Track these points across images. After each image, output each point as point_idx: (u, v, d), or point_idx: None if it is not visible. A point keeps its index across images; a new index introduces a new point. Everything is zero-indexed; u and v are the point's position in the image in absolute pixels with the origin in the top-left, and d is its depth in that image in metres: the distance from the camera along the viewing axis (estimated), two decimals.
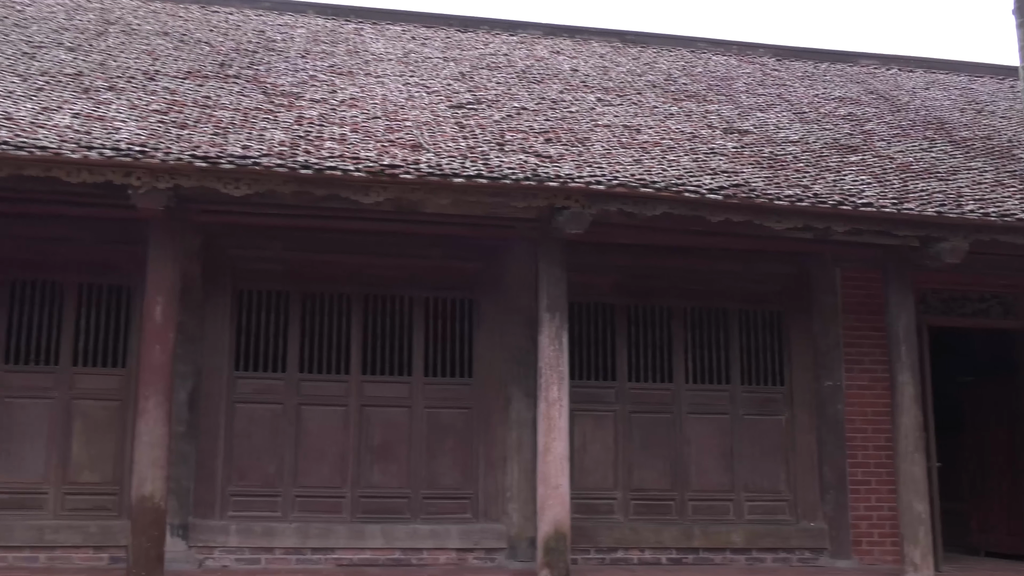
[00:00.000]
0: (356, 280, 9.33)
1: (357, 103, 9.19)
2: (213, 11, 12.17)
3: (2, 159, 7.00)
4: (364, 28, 12.38)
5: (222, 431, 8.92)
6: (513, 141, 8.59)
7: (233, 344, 9.10)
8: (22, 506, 8.60)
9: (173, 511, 8.32)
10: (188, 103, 8.54)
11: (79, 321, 8.97)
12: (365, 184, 7.38)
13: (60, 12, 11.27)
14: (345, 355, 9.26)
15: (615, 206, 7.80)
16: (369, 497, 9.05)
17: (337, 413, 9.15)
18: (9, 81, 8.60)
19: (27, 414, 8.75)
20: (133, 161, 7.12)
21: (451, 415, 9.32)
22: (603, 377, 9.66)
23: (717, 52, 13.52)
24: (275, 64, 10.16)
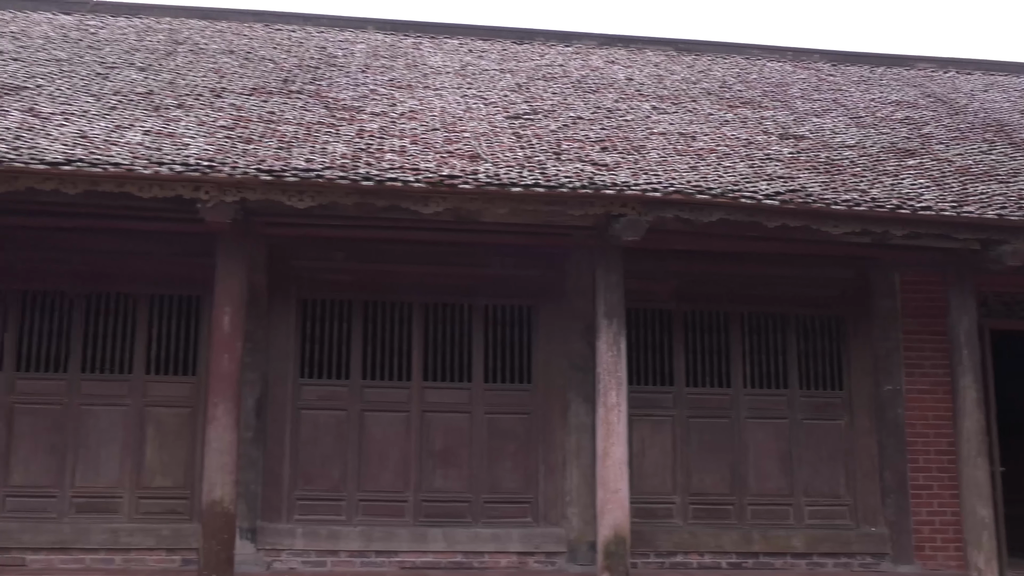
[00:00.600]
0: (417, 289, 9.53)
1: (416, 115, 9.40)
2: (276, 29, 12.50)
3: (77, 176, 7.30)
4: (422, 42, 12.61)
5: (288, 437, 9.15)
6: (570, 150, 8.72)
7: (298, 352, 9.34)
8: (99, 509, 8.92)
9: (242, 515, 8.56)
10: (253, 119, 8.81)
11: (151, 331, 9.28)
12: (425, 195, 7.55)
13: (131, 33, 11.67)
14: (407, 362, 9.45)
15: (671, 213, 7.89)
16: (431, 501, 9.22)
17: (399, 419, 9.34)
18: (84, 101, 8.95)
19: (103, 421, 9.07)
20: (201, 176, 7.38)
21: (511, 420, 9.45)
22: (661, 382, 9.73)
23: (771, 58, 13.52)
24: (336, 79, 10.42)
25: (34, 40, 11.06)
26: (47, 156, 7.31)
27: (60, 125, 8.17)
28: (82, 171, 7.25)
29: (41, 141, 7.68)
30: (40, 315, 9.21)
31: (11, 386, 9.04)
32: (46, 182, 7.29)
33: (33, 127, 8.06)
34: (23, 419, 9.00)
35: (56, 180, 7.28)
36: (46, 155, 7.33)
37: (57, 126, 8.14)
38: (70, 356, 9.15)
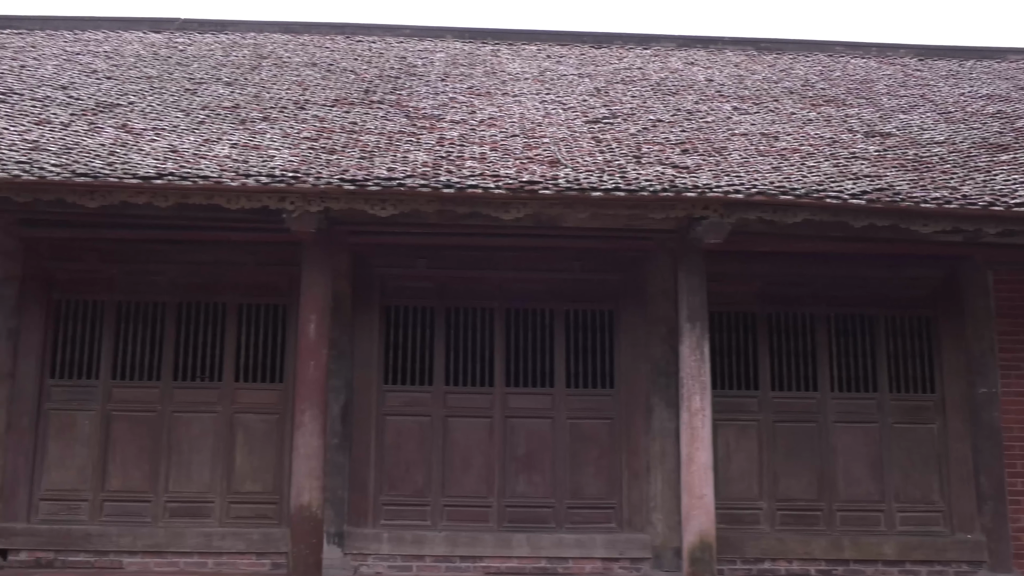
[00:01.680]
0: (499, 294, 9.58)
1: (496, 122, 9.45)
2: (357, 40, 12.70)
3: (168, 189, 7.52)
4: (500, 49, 12.68)
5: (373, 443, 9.27)
6: (650, 153, 8.67)
7: (382, 359, 9.45)
8: (191, 514, 9.16)
9: (329, 520, 8.70)
10: (336, 129, 8.96)
11: (240, 339, 9.50)
12: (505, 201, 7.59)
13: (218, 50, 11.98)
14: (489, 368, 9.50)
15: (754, 214, 7.79)
16: (515, 506, 9.24)
17: (482, 424, 9.39)
18: (174, 116, 9.21)
19: (195, 428, 9.31)
20: (287, 187, 7.53)
21: (594, 425, 9.43)
22: (746, 386, 9.60)
23: (855, 55, 13.26)
24: (417, 88, 10.53)
25: (126, 59, 11.42)
26: (140, 171, 7.54)
27: (152, 140, 8.42)
28: (173, 184, 7.46)
29: (134, 156, 7.92)
30: (135, 325, 9.50)
31: (108, 394, 9.34)
32: (139, 196, 7.52)
33: (126, 143, 8.32)
34: (120, 426, 9.29)
35: (148, 194, 7.50)
36: (139, 170, 7.56)
37: (149, 141, 8.39)
38: (163, 364, 9.42)
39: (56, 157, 7.84)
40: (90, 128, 8.76)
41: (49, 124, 8.86)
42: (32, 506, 9.10)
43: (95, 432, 9.25)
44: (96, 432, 9.25)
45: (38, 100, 9.64)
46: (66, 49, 11.83)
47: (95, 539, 8.93)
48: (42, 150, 8.04)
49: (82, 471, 9.19)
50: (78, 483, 9.17)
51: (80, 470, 9.19)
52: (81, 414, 9.29)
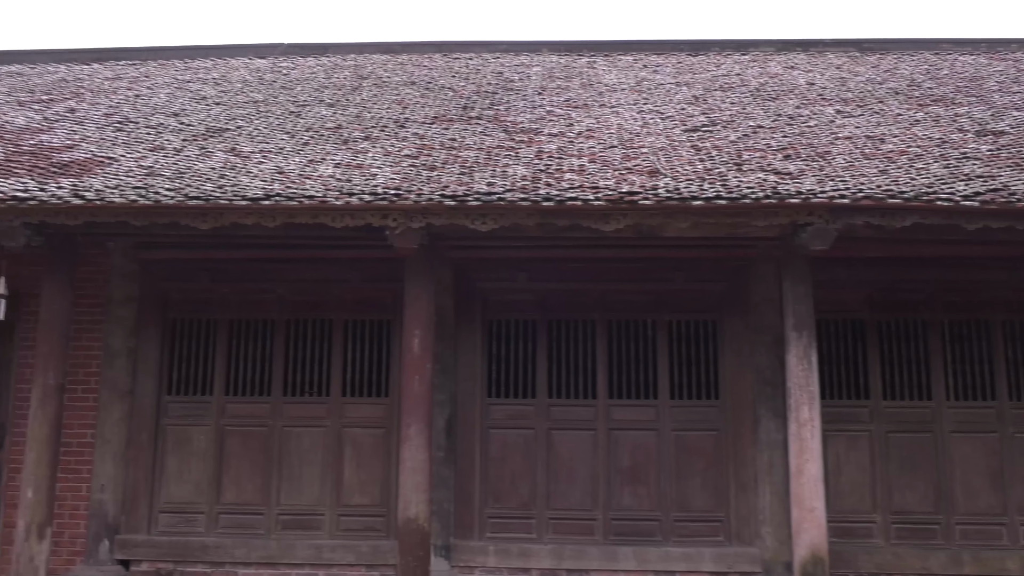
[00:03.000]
0: (600, 306, 9.55)
1: (594, 134, 9.45)
2: (454, 58, 12.86)
3: (276, 209, 7.73)
4: (596, 61, 12.68)
5: (478, 456, 9.33)
6: (751, 160, 8.55)
7: (485, 372, 9.52)
8: (302, 526, 9.36)
9: (436, 532, 8.79)
10: (436, 146, 9.08)
11: (346, 355, 9.69)
12: (605, 212, 7.57)
13: (320, 72, 12.28)
14: (592, 380, 9.48)
15: (861, 219, 7.60)
16: (620, 519, 9.18)
17: (586, 437, 9.36)
18: (279, 138, 9.47)
19: (304, 442, 9.52)
20: (389, 204, 7.66)
21: (699, 437, 9.31)
22: (856, 396, 9.36)
23: (963, 52, 12.84)
24: (514, 103, 10.61)
25: (233, 85, 11.80)
26: (248, 192, 7.77)
27: (259, 162, 8.67)
28: (280, 205, 7.66)
29: (243, 179, 8.17)
30: (246, 342, 9.78)
31: (222, 410, 9.63)
32: (248, 217, 7.75)
33: (235, 166, 8.59)
34: (233, 440, 9.56)
35: (257, 214, 7.73)
36: (248, 191, 7.79)
37: (256, 163, 8.64)
38: (273, 380, 9.67)
39: (170, 181, 8.14)
40: (201, 152, 9.07)
41: (163, 150, 9.20)
42: (152, 518, 9.43)
43: (210, 447, 9.54)
44: (211, 447, 9.54)
45: (152, 127, 10.02)
46: (177, 77, 12.29)
47: (211, 551, 9.20)
48: (157, 175, 8.36)
49: (198, 484, 9.49)
50: (195, 496, 9.47)
51: (196, 484, 9.49)
52: (196, 429, 9.60)
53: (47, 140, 9.65)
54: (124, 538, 9.27)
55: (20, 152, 9.24)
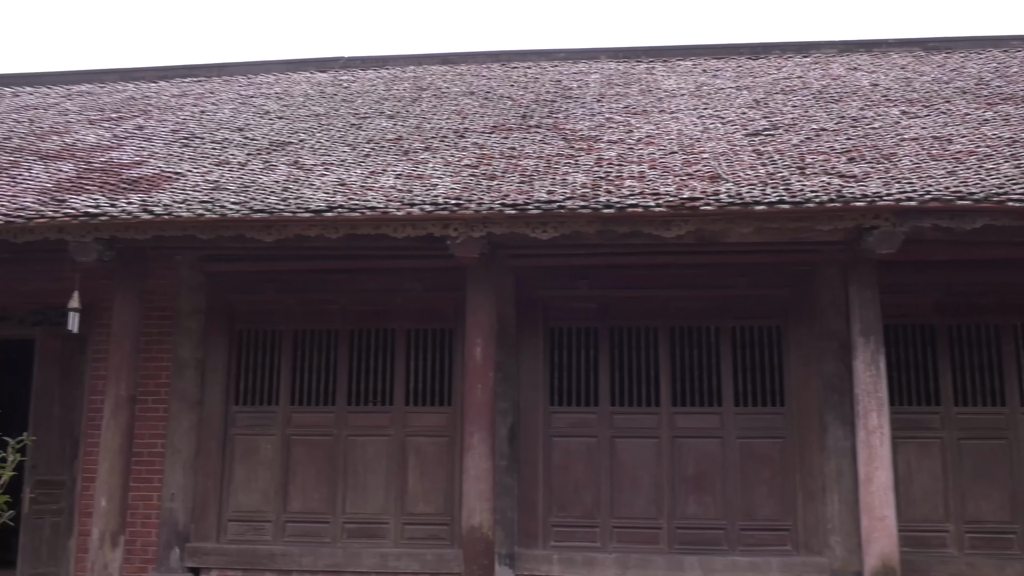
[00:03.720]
0: (662, 313, 9.49)
1: (653, 140, 9.40)
2: (512, 67, 12.90)
3: (339, 221, 7.82)
4: (655, 67, 12.62)
5: (541, 464, 9.32)
6: (814, 163, 8.44)
7: (547, 380, 9.51)
8: (368, 535, 9.43)
9: (500, 541, 8.79)
10: (495, 155, 9.11)
11: (409, 364, 9.75)
12: (666, 219, 7.53)
13: (380, 84, 12.41)
14: (655, 387, 9.42)
15: (929, 222, 7.45)
16: (685, 528, 9.10)
17: (650, 445, 9.30)
18: (341, 151, 9.58)
19: (369, 451, 9.60)
20: (450, 214, 7.70)
21: (764, 445, 9.20)
22: (926, 402, 9.16)
23: None
24: (573, 111, 10.60)
25: (295, 99, 11.97)
26: (311, 205, 7.87)
27: (321, 175, 8.78)
28: (342, 216, 7.75)
29: (306, 191, 8.28)
30: (310, 352, 9.90)
31: (288, 419, 9.76)
32: (311, 228, 7.86)
33: (298, 179, 8.71)
34: (299, 450, 9.68)
35: (320, 226, 7.83)
36: (311, 204, 7.89)
37: (319, 176, 8.75)
38: (337, 390, 9.77)
39: (235, 195, 8.28)
40: (265, 166, 9.22)
41: (228, 164, 9.37)
42: (221, 527, 9.58)
43: (276, 456, 9.67)
44: (277, 456, 9.67)
45: (217, 142, 10.21)
46: (241, 93, 12.50)
47: (279, 558, 9.32)
48: (222, 189, 8.51)
49: (265, 493, 9.62)
50: (262, 505, 9.60)
51: (264, 492, 9.62)
52: (263, 439, 9.74)
53: (117, 157, 9.88)
54: (194, 546, 9.44)
55: (91, 169, 9.48)
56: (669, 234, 7.60)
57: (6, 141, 10.87)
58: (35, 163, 9.83)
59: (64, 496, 9.65)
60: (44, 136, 11.00)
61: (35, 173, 9.46)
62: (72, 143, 10.60)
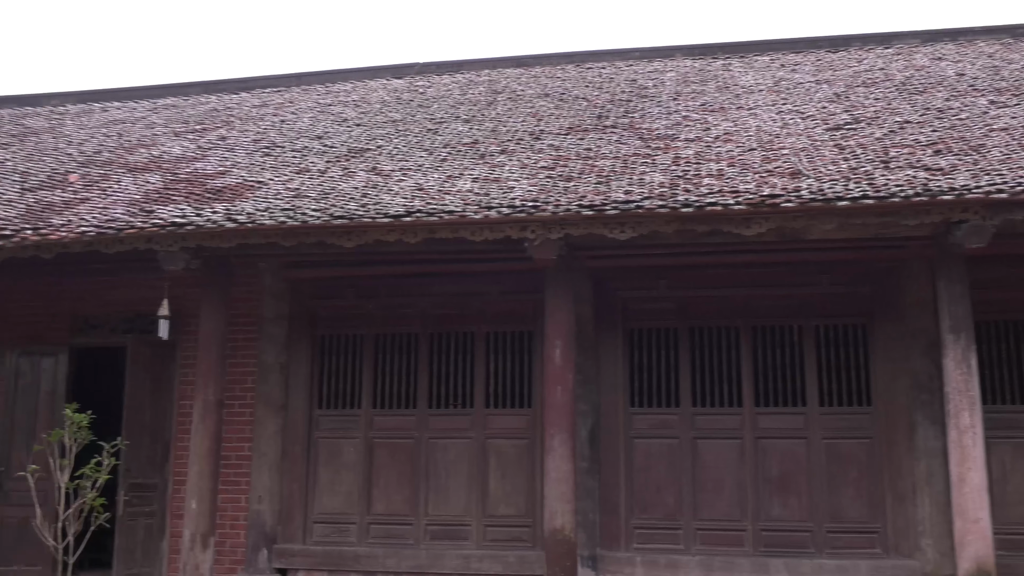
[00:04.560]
0: (743, 312, 9.37)
1: (732, 137, 9.28)
2: (587, 68, 12.87)
3: (417, 225, 7.89)
4: (732, 63, 12.47)
5: (622, 466, 9.28)
6: (899, 157, 8.24)
7: (627, 381, 9.46)
8: (450, 537, 9.49)
9: (582, 543, 8.76)
10: (572, 156, 9.10)
11: (488, 367, 9.79)
12: (746, 216, 7.43)
13: (455, 89, 12.49)
14: (737, 388, 9.30)
15: (1021, 214, 7.22)
16: (770, 530, 8.96)
17: (732, 446, 9.18)
18: (418, 156, 9.67)
19: (450, 453, 9.67)
20: (527, 216, 7.71)
21: (851, 445, 9.01)
22: (1021, 401, 8.87)
23: None
24: (649, 110, 10.53)
25: (372, 105, 12.12)
26: (390, 210, 7.96)
27: (399, 180, 8.87)
28: (421, 221, 7.82)
29: (384, 197, 8.37)
30: (391, 356, 10.01)
31: (370, 422, 9.88)
32: (390, 233, 7.94)
33: (377, 184, 8.81)
34: (381, 452, 9.80)
35: (399, 231, 7.91)
36: (389, 209, 7.98)
37: (397, 181, 8.84)
38: (418, 393, 9.86)
39: (315, 202, 8.42)
40: (344, 173, 9.35)
41: (308, 172, 9.52)
42: (307, 528, 9.74)
43: (359, 459, 9.79)
44: (360, 459, 9.79)
45: (297, 150, 10.39)
46: (319, 101, 12.70)
47: (364, 560, 9.44)
48: (303, 197, 8.65)
49: (349, 496, 9.75)
50: (346, 507, 9.73)
51: (347, 495, 9.75)
52: (346, 442, 9.87)
53: (201, 168, 10.12)
54: (281, 547, 9.61)
55: (177, 180, 9.72)
56: (749, 232, 7.50)
57: (96, 155, 11.22)
58: (124, 175, 10.13)
59: (156, 499, 9.92)
60: (132, 149, 11.32)
61: (124, 185, 9.74)
62: (159, 155, 10.89)
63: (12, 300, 10.81)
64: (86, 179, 10.14)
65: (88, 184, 9.93)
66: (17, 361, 10.49)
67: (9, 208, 9.31)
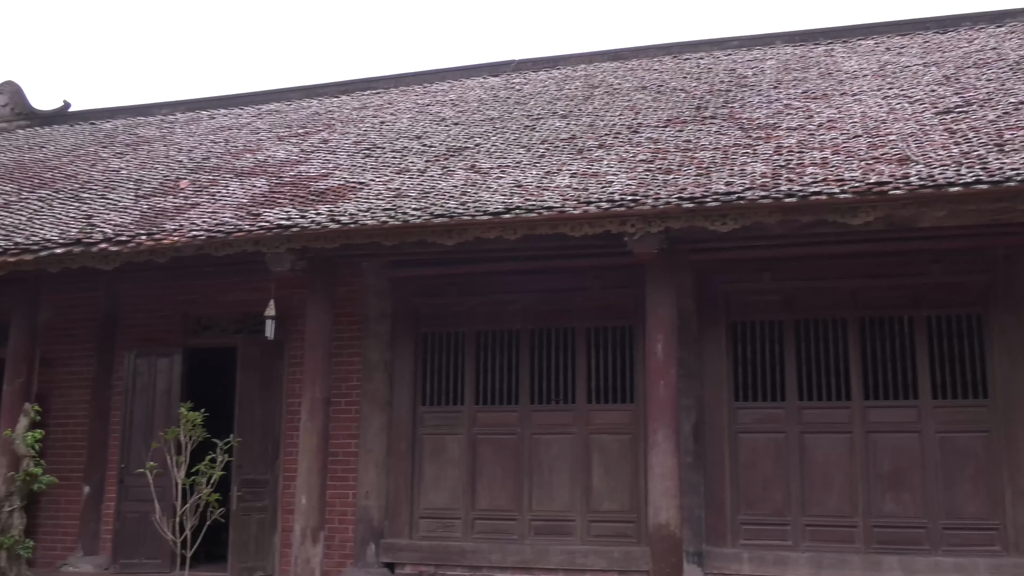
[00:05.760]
0: (851, 303, 9.14)
1: (835, 124, 9.06)
2: (684, 59, 12.72)
3: (517, 222, 7.92)
4: (834, 48, 12.17)
5: (727, 461, 9.15)
6: (1014, 140, 7.92)
7: (731, 375, 9.32)
8: (554, 532, 9.51)
9: (687, 539, 8.67)
10: (671, 149, 9.01)
11: (590, 362, 9.77)
12: (852, 205, 7.24)
13: (552, 85, 12.49)
14: (845, 381, 9.07)
15: None
16: (882, 527, 8.72)
17: (841, 440, 8.97)
18: (516, 153, 9.70)
19: (553, 449, 9.68)
20: (627, 210, 7.67)
21: (967, 439, 8.70)
22: None
23: None
24: (749, 99, 10.35)
25: (470, 104, 12.20)
26: (489, 207, 8.01)
27: (498, 178, 8.92)
28: (520, 217, 7.85)
29: (483, 194, 8.43)
30: (493, 352, 10.07)
31: (473, 419, 9.96)
32: (490, 231, 7.99)
33: (475, 182, 8.87)
34: (484, 448, 9.87)
35: (499, 228, 7.95)
36: (488, 206, 8.03)
37: (496, 179, 8.89)
38: (520, 389, 9.89)
39: (416, 201, 8.52)
40: (443, 172, 9.44)
41: (408, 172, 9.65)
42: (413, 524, 9.87)
43: (463, 455, 9.88)
44: (464, 455, 9.88)
45: (397, 151, 10.53)
46: (417, 102, 12.85)
47: (469, 555, 9.53)
48: (404, 196, 8.77)
49: (453, 491, 9.85)
50: (451, 502, 9.84)
51: (452, 490, 9.85)
52: (450, 438, 9.97)
53: (305, 171, 10.34)
54: (388, 542, 9.77)
55: (282, 183, 9.96)
56: (856, 221, 7.31)
57: (205, 161, 11.57)
58: (231, 180, 10.42)
59: (267, 494, 10.18)
60: (238, 154, 11.64)
61: (232, 190, 10.03)
62: (264, 159, 11.17)
63: (129, 304, 11.25)
64: (196, 185, 10.46)
65: (198, 190, 10.25)
66: (135, 362, 10.90)
67: (125, 215, 9.67)
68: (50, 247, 8.99)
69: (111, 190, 10.80)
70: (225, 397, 10.29)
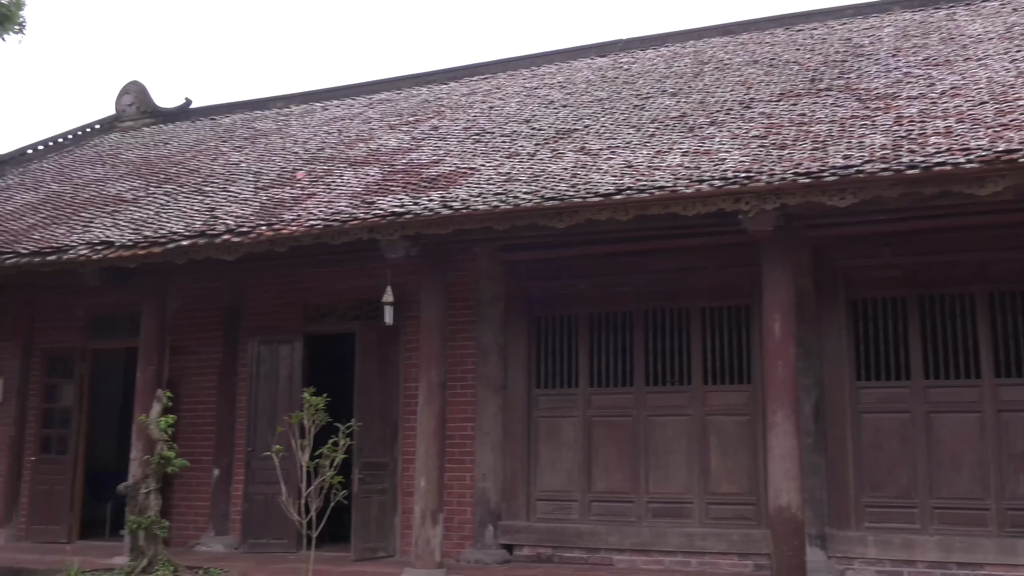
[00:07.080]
0: (979, 278, 8.78)
1: (959, 92, 8.70)
2: (797, 30, 12.38)
3: (628, 203, 7.85)
4: (956, 11, 11.66)
5: (849, 442, 8.93)
6: None
7: (852, 354, 9.08)
8: (671, 514, 9.45)
9: (809, 521, 8.50)
10: (785, 123, 8.79)
11: (705, 342, 9.64)
12: (980, 175, 6.95)
13: (660, 63, 12.32)
14: (974, 358, 8.73)
15: None
16: (1017, 509, 8.38)
17: (970, 420, 8.64)
18: (625, 133, 9.61)
19: (669, 431, 9.61)
20: (740, 188, 7.53)
21: None
22: None
23: None
24: (866, 69, 10.02)
25: (578, 86, 12.14)
26: (600, 189, 7.96)
27: (608, 159, 8.86)
28: (632, 198, 7.79)
29: (593, 176, 8.39)
30: (606, 334, 10.04)
31: (588, 401, 9.96)
32: (601, 212, 7.95)
33: (585, 164, 8.83)
34: (599, 431, 9.86)
35: (610, 209, 7.90)
36: (599, 188, 7.99)
37: (606, 160, 8.83)
38: (635, 371, 9.84)
39: (526, 185, 8.53)
40: (553, 155, 9.42)
41: (518, 156, 9.66)
42: (530, 506, 9.94)
43: (578, 437, 9.89)
44: (579, 437, 9.89)
45: (506, 135, 10.56)
46: (525, 85, 12.85)
47: (586, 537, 9.55)
48: (514, 180, 8.79)
49: (569, 473, 9.87)
50: (567, 485, 9.87)
51: (568, 473, 9.88)
52: (565, 420, 10.00)
53: (416, 158, 10.47)
54: (506, 524, 9.86)
55: (395, 171, 10.10)
56: (983, 192, 7.01)
57: (320, 152, 11.83)
58: (346, 170, 10.63)
59: (387, 477, 10.40)
60: (352, 144, 11.85)
61: (346, 179, 10.23)
62: (376, 148, 11.35)
63: (251, 293, 11.62)
64: (312, 175, 10.71)
65: (314, 180, 10.49)
66: (258, 349, 11.24)
67: (245, 206, 9.97)
68: (177, 239, 9.35)
69: (231, 183, 11.15)
70: (343, 382, 10.52)
